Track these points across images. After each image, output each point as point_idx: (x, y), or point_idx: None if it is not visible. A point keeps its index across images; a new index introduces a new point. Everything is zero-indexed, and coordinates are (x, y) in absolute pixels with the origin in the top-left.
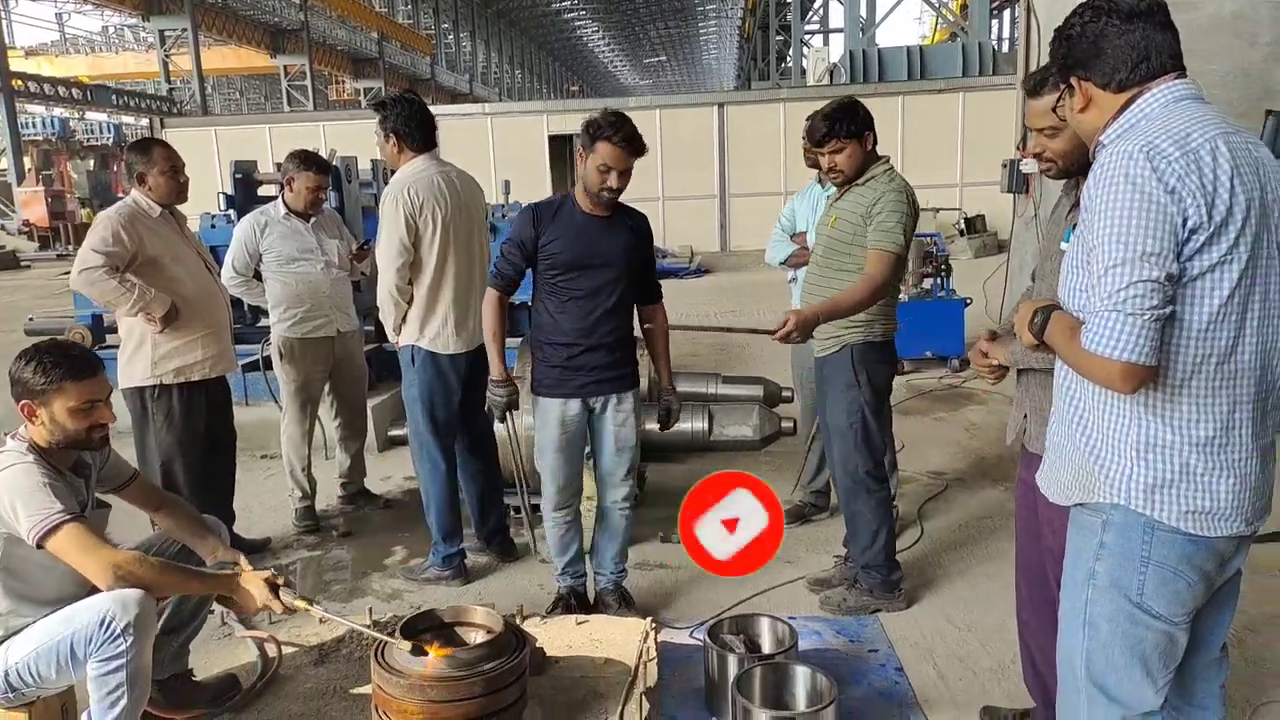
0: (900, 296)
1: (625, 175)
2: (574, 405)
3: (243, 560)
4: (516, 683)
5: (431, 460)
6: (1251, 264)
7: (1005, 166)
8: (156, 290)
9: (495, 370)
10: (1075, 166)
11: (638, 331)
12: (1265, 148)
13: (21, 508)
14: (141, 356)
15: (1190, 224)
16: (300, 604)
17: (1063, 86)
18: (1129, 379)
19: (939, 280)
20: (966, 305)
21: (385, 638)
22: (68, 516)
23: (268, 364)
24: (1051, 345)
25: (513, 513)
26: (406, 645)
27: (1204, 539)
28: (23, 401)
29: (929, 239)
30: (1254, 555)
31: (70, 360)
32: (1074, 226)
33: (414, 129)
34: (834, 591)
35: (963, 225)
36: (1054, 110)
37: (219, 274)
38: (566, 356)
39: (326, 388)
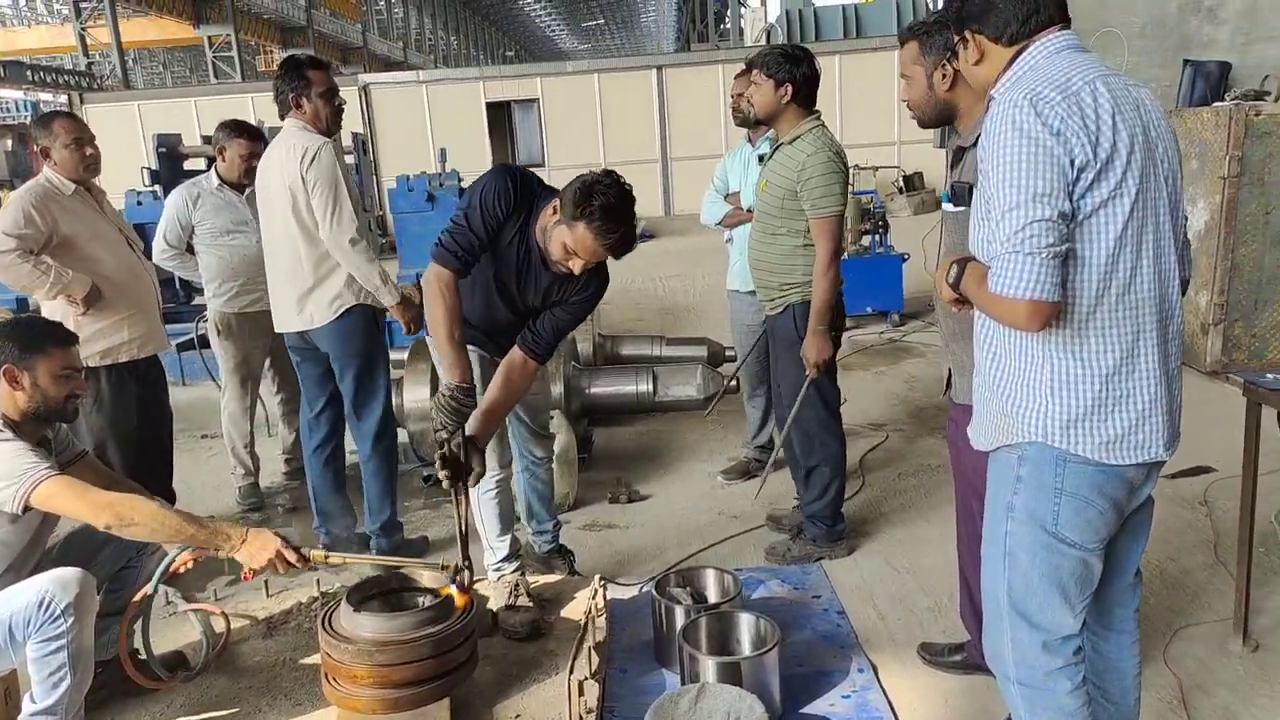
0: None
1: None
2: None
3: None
4: (466, 643)
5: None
6: (1141, 197)
7: None
8: (75, 271)
9: (459, 373)
10: (931, 117)
11: None
12: (1144, 89)
13: (2, 476)
14: None
15: (1078, 163)
16: (317, 555)
17: (957, 39)
18: (1034, 317)
19: (877, 237)
20: (905, 261)
21: (426, 565)
22: (55, 471)
23: (203, 343)
24: (967, 295)
25: None
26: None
27: (1114, 468)
28: (5, 366)
29: (867, 197)
30: (1175, 488)
31: (53, 328)
32: (952, 185)
33: None
34: (779, 542)
35: (901, 183)
36: (946, 63)
37: (142, 251)
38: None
39: (267, 363)
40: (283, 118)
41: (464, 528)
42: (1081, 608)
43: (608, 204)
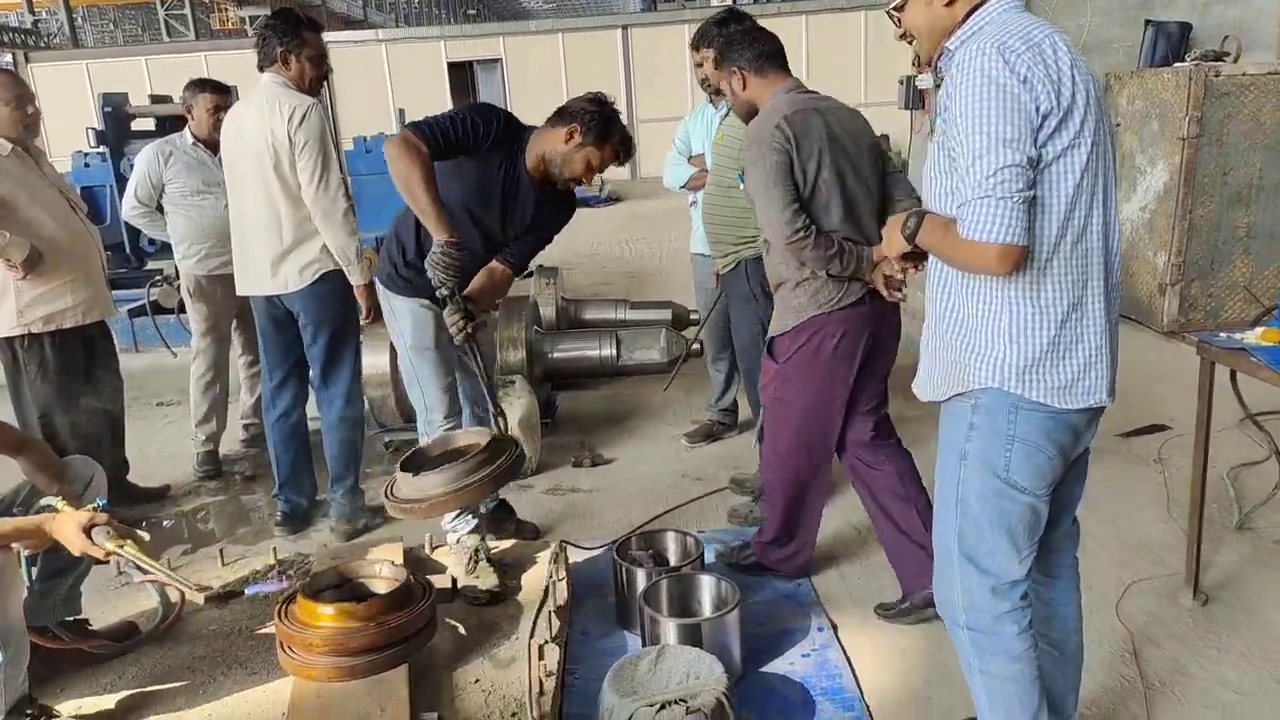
0: None
1: None
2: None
3: (61, 503)
4: (424, 609)
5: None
6: (1096, 149)
7: (902, 83)
8: (13, 234)
9: (446, 229)
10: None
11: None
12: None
13: None
14: (6, 305)
15: (1042, 110)
16: (111, 545)
17: None
18: (1005, 260)
19: None
20: None
21: (181, 582)
22: None
23: (156, 308)
24: (926, 246)
25: None
26: (199, 597)
27: (1063, 414)
28: None
29: None
30: (1130, 446)
31: None
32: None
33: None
34: (741, 504)
35: None
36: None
37: (85, 214)
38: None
39: (234, 325)
40: (261, 70)
41: (488, 379)
42: (1028, 553)
43: (616, 119)
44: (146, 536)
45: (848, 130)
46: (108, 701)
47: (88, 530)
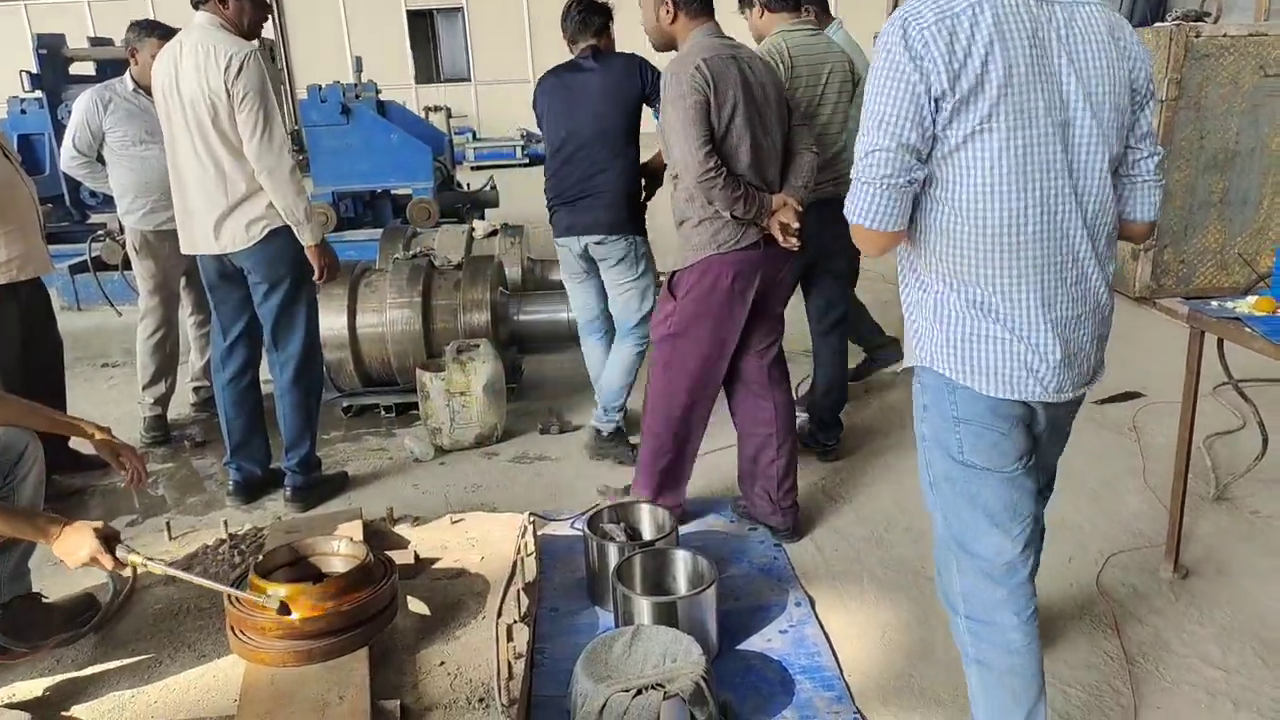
0: None
1: None
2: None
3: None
4: (384, 589)
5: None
6: (1019, 135)
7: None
8: None
9: None
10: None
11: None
12: (1089, 6)
13: None
14: None
15: (934, 92)
16: (135, 559)
17: None
18: (872, 243)
19: None
20: None
21: (237, 593)
22: None
23: (98, 264)
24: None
25: (382, 412)
26: (274, 603)
27: (1000, 401)
28: None
29: None
30: (1104, 414)
31: None
32: None
33: None
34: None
35: None
36: None
37: (20, 165)
38: None
39: (183, 282)
40: (196, 7)
41: None
42: (1019, 531)
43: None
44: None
45: (760, 80)
46: (42, 687)
47: (108, 544)
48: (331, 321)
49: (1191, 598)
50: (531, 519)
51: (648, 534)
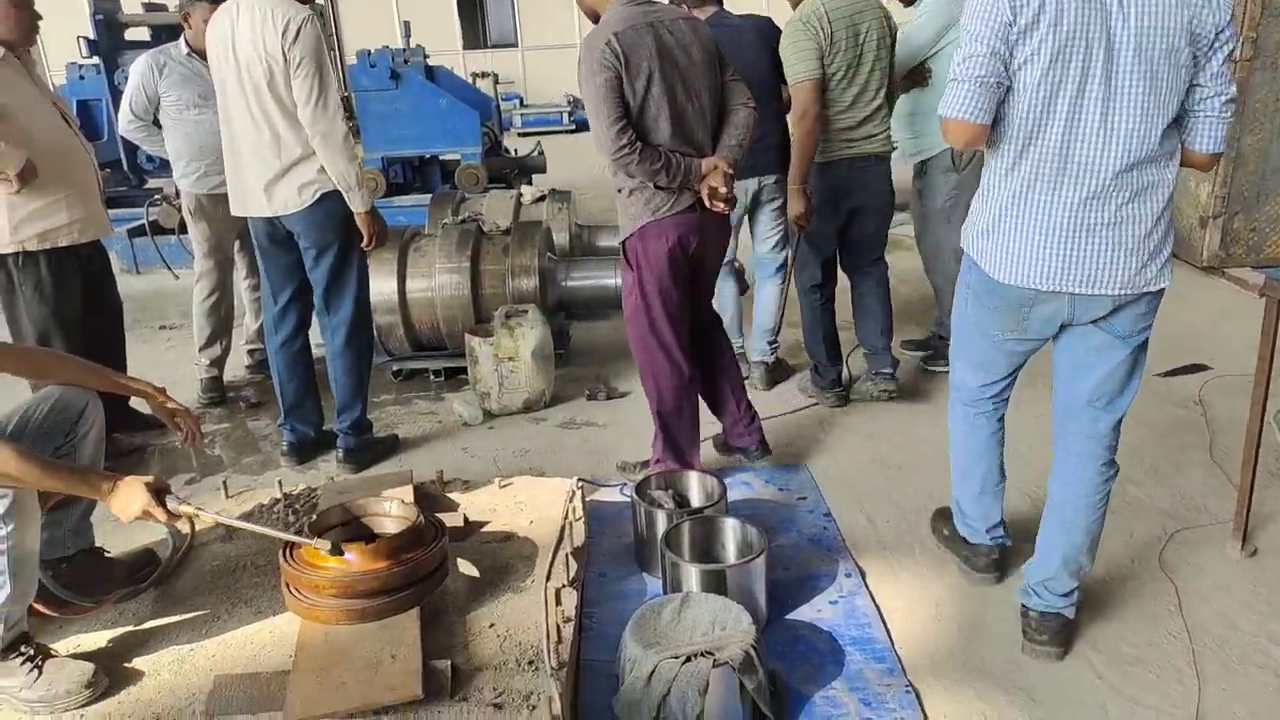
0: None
1: None
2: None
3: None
4: (435, 550)
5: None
6: (1056, 68)
7: None
8: (7, 145)
9: None
10: None
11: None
12: None
13: None
14: None
15: (1010, 19)
16: (186, 510)
17: None
18: (958, 135)
19: None
20: None
21: (292, 537)
22: None
23: (156, 229)
24: None
25: (431, 377)
26: (325, 544)
27: (998, 284)
28: None
29: None
30: (1169, 386)
31: None
32: None
33: None
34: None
35: None
36: None
37: (79, 130)
38: None
39: (237, 245)
40: None
41: None
42: (989, 380)
43: None
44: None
45: (681, 44)
46: (105, 639)
47: (159, 497)
48: (381, 286)
49: (1260, 576)
50: (580, 484)
51: (696, 501)
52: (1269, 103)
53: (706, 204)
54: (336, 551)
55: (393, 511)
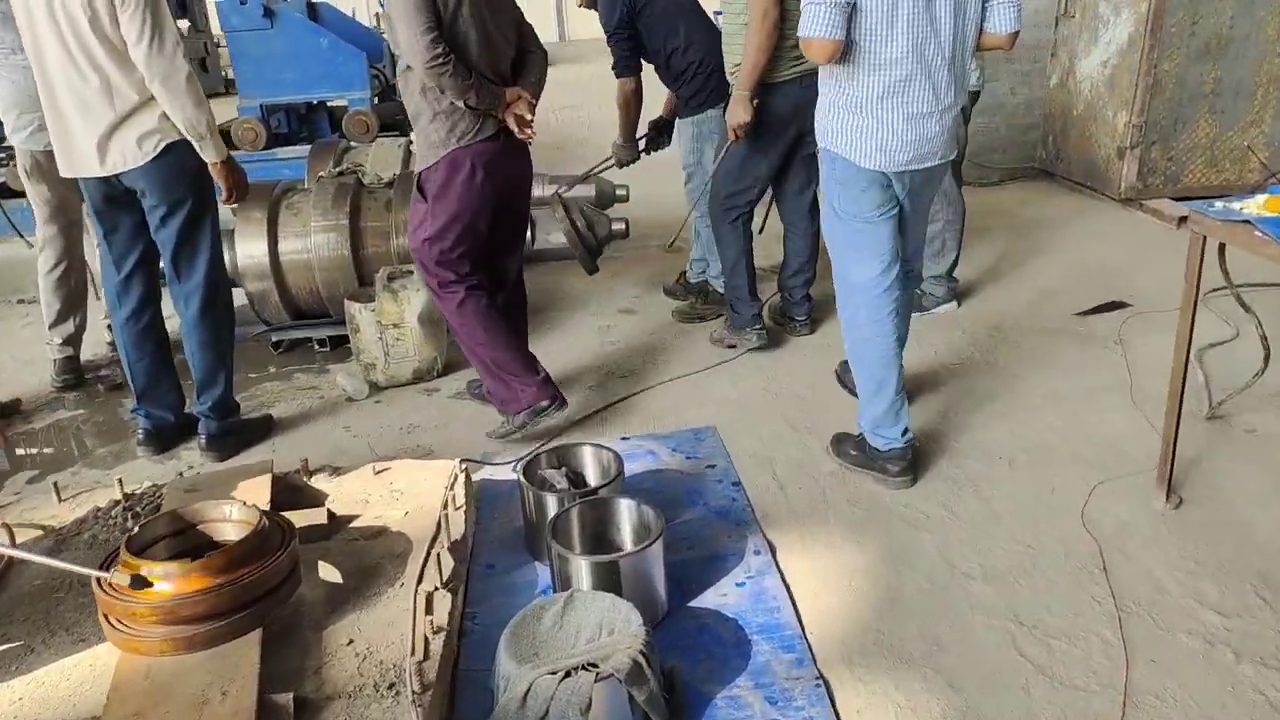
0: None
1: None
2: None
3: None
4: (281, 561)
5: None
6: None
7: None
8: None
9: None
10: None
11: None
12: None
13: None
14: None
15: None
16: None
17: None
18: (821, 51)
19: None
20: None
21: (84, 571)
22: None
23: (4, 191)
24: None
25: (316, 346)
26: (125, 578)
27: (863, 169)
28: None
29: None
30: (1089, 325)
31: None
32: None
33: None
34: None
35: None
36: None
37: None
38: None
39: (85, 208)
40: None
41: None
42: (884, 262)
43: None
44: None
45: None
46: None
47: None
48: (251, 248)
49: (1185, 530)
50: (464, 465)
51: (592, 478)
52: (1184, 26)
53: (516, 131)
54: (140, 584)
55: (233, 516)
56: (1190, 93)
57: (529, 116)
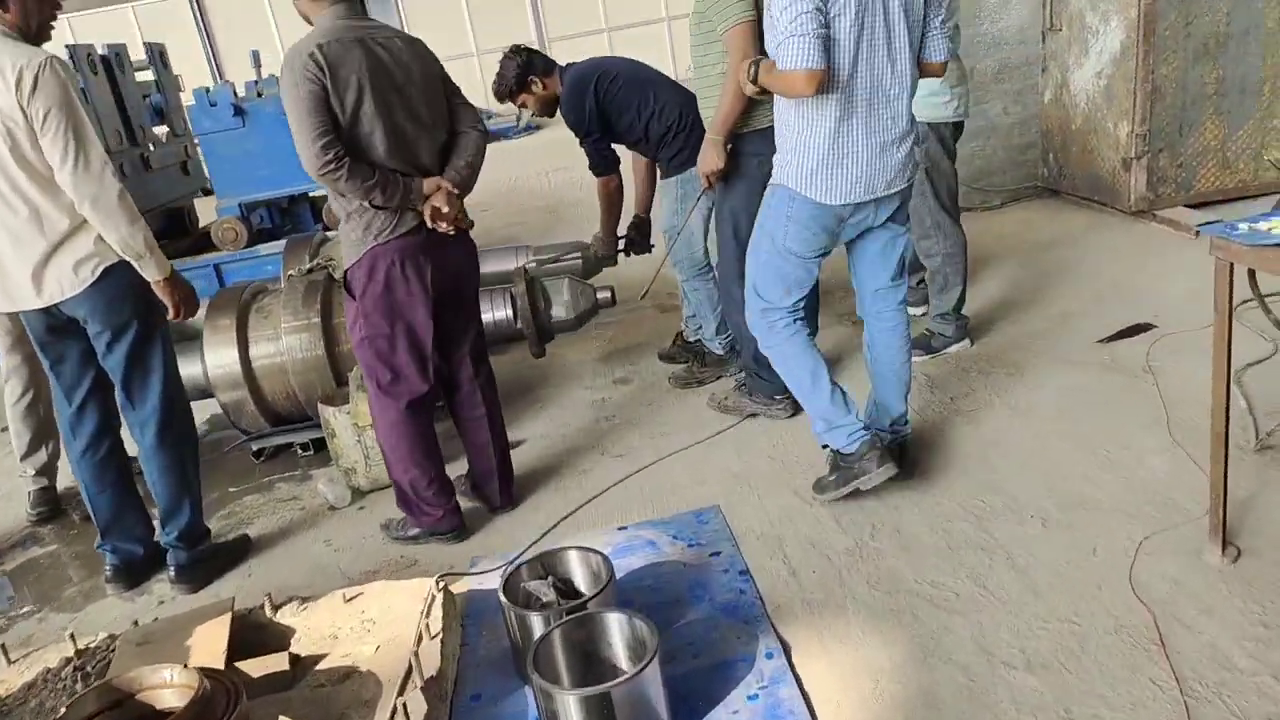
0: None
1: None
2: None
3: None
4: None
5: None
6: (861, 20)
7: None
8: None
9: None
10: None
11: None
12: None
13: None
14: None
15: None
16: None
17: None
18: (810, 82)
19: None
20: None
21: None
22: None
23: None
24: (764, 84)
25: (299, 452)
26: None
27: (827, 206)
28: None
29: None
30: (1114, 353)
31: None
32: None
33: None
34: (681, 371)
35: None
36: None
37: None
38: None
39: None
40: None
41: None
42: (797, 296)
43: None
44: None
45: (397, 60)
46: None
47: None
48: (220, 357)
49: (1248, 588)
50: (444, 582)
51: (581, 584)
52: (1178, 28)
53: (429, 223)
54: None
55: (173, 680)
56: (1193, 95)
57: (445, 209)
